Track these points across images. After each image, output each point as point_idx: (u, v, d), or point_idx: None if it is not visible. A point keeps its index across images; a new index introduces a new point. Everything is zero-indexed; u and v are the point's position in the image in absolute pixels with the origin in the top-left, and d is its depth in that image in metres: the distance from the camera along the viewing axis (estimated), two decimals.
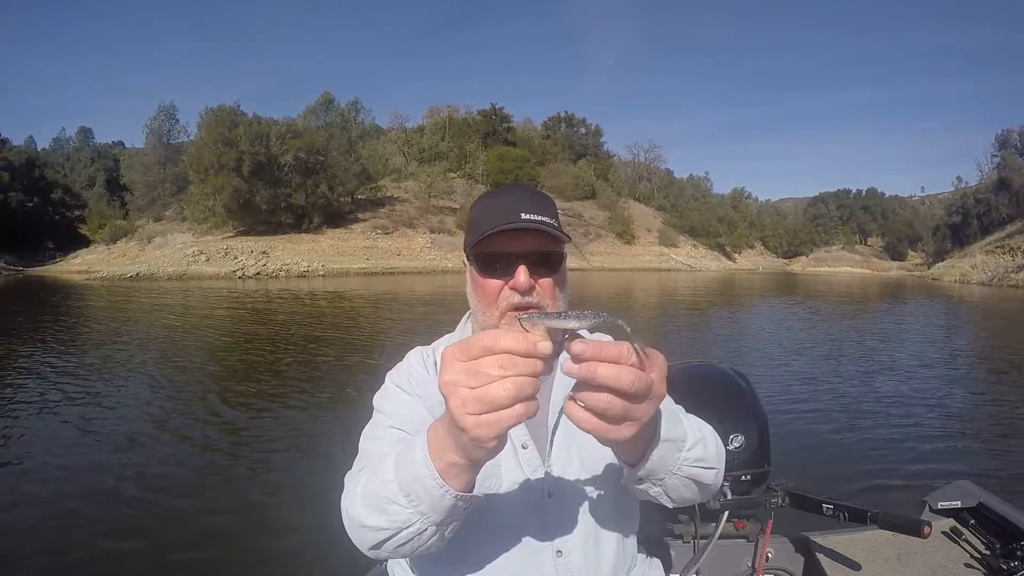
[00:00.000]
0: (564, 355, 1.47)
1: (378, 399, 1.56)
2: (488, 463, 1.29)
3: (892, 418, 9.14)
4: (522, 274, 1.39)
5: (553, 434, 1.48)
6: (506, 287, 1.42)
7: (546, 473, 1.45)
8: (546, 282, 1.43)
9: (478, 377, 0.93)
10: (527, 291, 1.40)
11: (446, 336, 1.70)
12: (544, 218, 1.42)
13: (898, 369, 13.11)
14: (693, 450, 1.29)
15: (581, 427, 1.00)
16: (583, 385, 0.97)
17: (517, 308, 1.40)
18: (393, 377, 1.58)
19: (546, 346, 0.93)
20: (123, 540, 5.18)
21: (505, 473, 1.43)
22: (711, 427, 1.48)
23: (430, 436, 1.10)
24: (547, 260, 1.44)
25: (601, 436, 1.02)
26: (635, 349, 0.96)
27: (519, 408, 0.93)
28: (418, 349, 1.65)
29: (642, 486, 1.30)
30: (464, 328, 1.65)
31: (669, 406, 1.38)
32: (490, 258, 1.43)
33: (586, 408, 0.98)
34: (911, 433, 8.38)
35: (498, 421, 0.93)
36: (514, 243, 1.41)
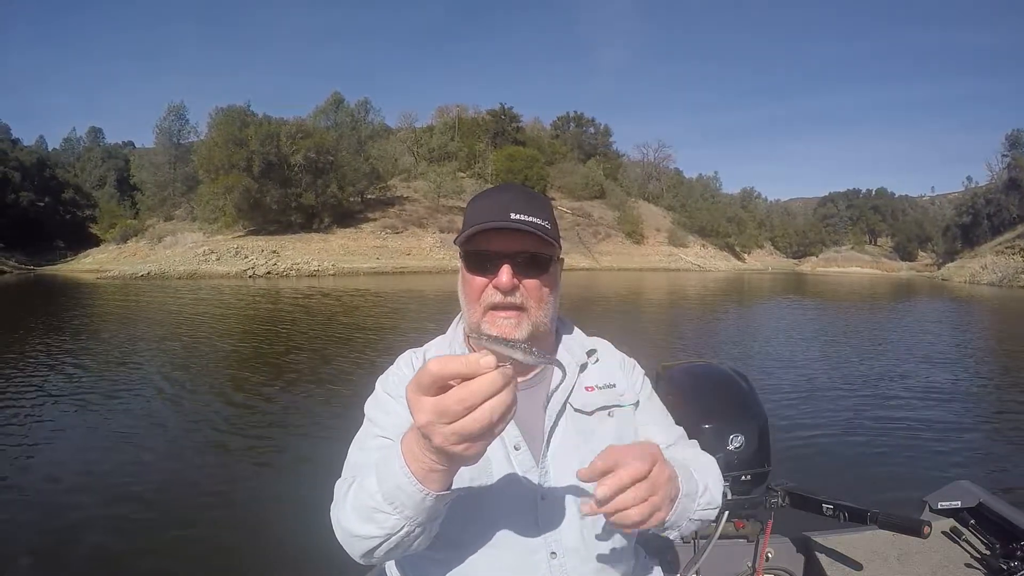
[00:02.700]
0: (572, 379, 1.57)
1: (369, 406, 1.57)
2: (480, 467, 1.41)
3: (893, 418, 9.17)
4: (505, 274, 1.41)
5: (549, 436, 1.50)
6: (490, 285, 1.44)
7: (540, 475, 1.46)
8: (532, 283, 1.45)
9: (448, 414, 0.96)
10: (509, 291, 1.42)
11: (438, 338, 1.70)
12: (535, 219, 1.44)
13: (900, 369, 13.13)
14: (703, 496, 1.44)
15: (636, 524, 1.17)
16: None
17: (498, 307, 1.44)
18: (383, 384, 1.59)
19: (488, 361, 0.95)
20: (127, 536, 5.24)
21: (497, 475, 1.44)
22: (712, 460, 1.60)
23: (404, 448, 1.12)
24: (535, 261, 1.46)
25: (650, 523, 1.19)
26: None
27: (498, 428, 0.99)
28: (409, 352, 1.66)
29: (663, 532, 1.44)
30: (456, 329, 1.67)
31: (681, 458, 1.49)
32: (478, 256, 1.46)
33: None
34: (911, 433, 8.40)
35: (483, 444, 1.01)
36: (502, 242, 1.43)
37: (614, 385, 1.63)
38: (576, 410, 1.54)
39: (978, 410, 9.98)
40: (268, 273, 49.94)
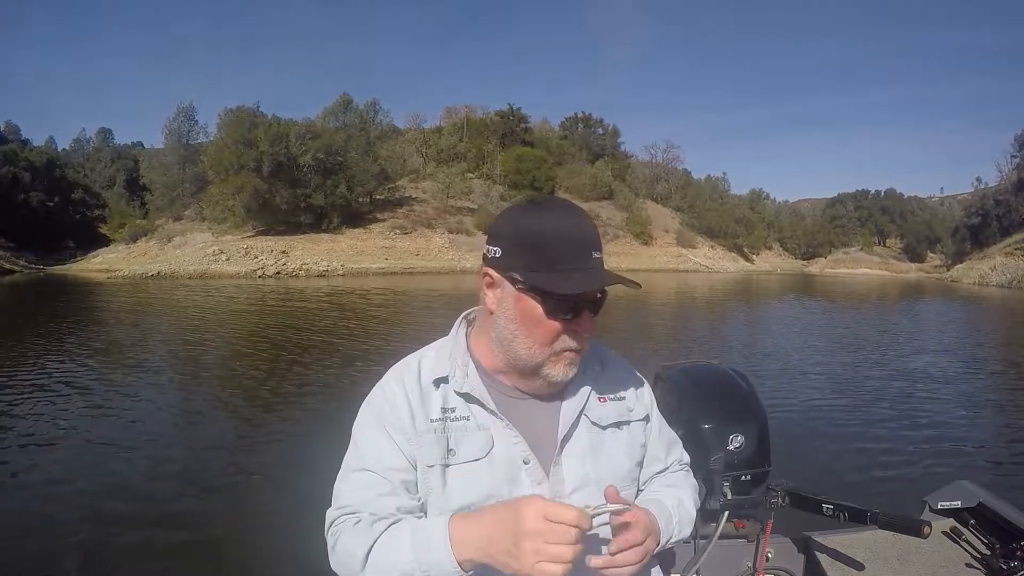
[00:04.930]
0: (588, 389, 1.52)
1: (356, 430, 1.49)
2: (486, 483, 1.39)
3: (893, 418, 9.19)
4: (588, 321, 1.36)
5: (562, 447, 1.44)
6: (565, 331, 1.35)
7: (550, 488, 1.41)
8: (593, 323, 1.39)
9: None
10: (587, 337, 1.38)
11: (434, 346, 1.55)
12: (602, 255, 1.38)
13: (900, 369, 13.20)
14: (674, 538, 1.53)
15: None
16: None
17: (569, 350, 1.37)
18: (372, 407, 1.48)
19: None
20: (133, 536, 5.27)
21: (506, 490, 1.39)
22: (691, 492, 1.66)
23: (456, 535, 1.24)
24: (601, 303, 1.40)
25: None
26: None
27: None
28: (399, 368, 1.52)
29: None
30: (458, 335, 1.53)
31: (669, 505, 1.55)
32: (559, 298, 1.32)
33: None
34: (911, 433, 8.42)
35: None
36: (589, 286, 1.33)
37: (624, 397, 1.58)
38: (592, 423, 1.49)
39: (979, 410, 10.00)
40: (277, 273, 50.13)
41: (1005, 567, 2.19)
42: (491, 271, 1.38)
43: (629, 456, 1.54)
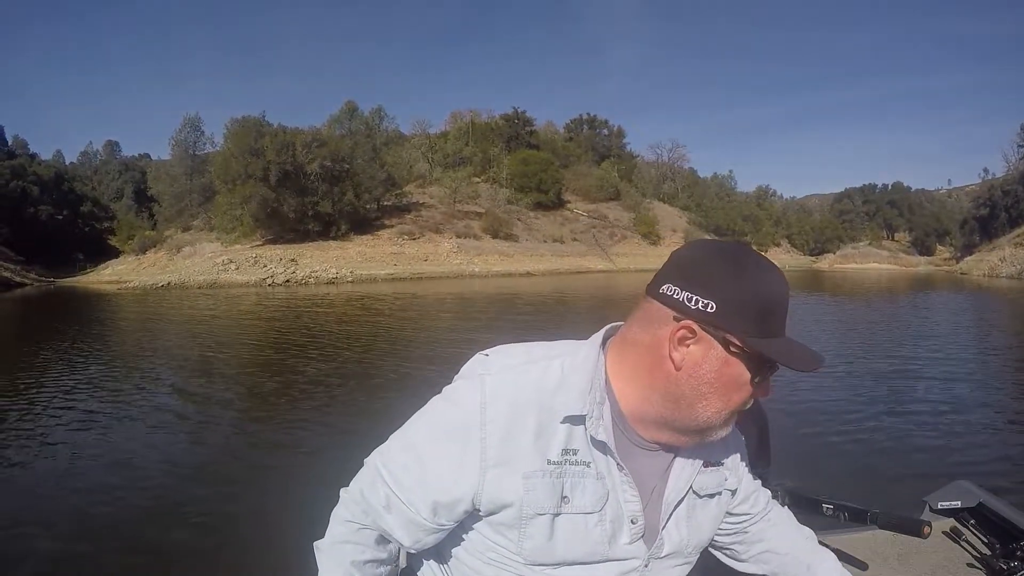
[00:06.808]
0: (697, 452, 1.38)
1: (424, 435, 1.27)
2: (596, 538, 1.24)
3: (893, 417, 9.20)
4: (771, 386, 1.24)
5: (673, 510, 1.34)
6: (752, 394, 1.22)
7: (648, 551, 1.31)
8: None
9: None
10: None
11: (559, 358, 1.27)
12: None
13: (901, 367, 13.17)
14: None
15: None
16: None
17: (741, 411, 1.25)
18: (459, 425, 1.22)
19: None
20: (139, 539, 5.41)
21: (606, 548, 1.26)
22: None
23: None
24: None
25: None
26: None
27: None
28: (505, 383, 1.23)
29: None
30: (598, 360, 1.28)
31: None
32: (767, 365, 1.20)
33: None
34: (911, 433, 8.44)
35: None
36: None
37: (723, 464, 1.45)
38: (694, 490, 1.38)
39: (979, 409, 9.93)
40: (287, 281, 50.14)
41: (1005, 567, 2.20)
42: (695, 326, 1.16)
43: (712, 526, 1.46)
